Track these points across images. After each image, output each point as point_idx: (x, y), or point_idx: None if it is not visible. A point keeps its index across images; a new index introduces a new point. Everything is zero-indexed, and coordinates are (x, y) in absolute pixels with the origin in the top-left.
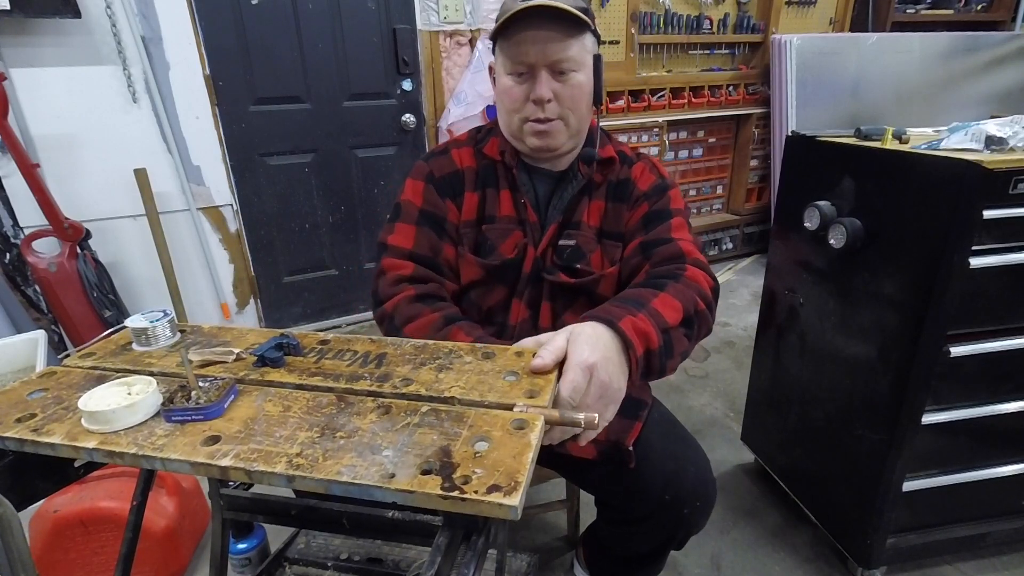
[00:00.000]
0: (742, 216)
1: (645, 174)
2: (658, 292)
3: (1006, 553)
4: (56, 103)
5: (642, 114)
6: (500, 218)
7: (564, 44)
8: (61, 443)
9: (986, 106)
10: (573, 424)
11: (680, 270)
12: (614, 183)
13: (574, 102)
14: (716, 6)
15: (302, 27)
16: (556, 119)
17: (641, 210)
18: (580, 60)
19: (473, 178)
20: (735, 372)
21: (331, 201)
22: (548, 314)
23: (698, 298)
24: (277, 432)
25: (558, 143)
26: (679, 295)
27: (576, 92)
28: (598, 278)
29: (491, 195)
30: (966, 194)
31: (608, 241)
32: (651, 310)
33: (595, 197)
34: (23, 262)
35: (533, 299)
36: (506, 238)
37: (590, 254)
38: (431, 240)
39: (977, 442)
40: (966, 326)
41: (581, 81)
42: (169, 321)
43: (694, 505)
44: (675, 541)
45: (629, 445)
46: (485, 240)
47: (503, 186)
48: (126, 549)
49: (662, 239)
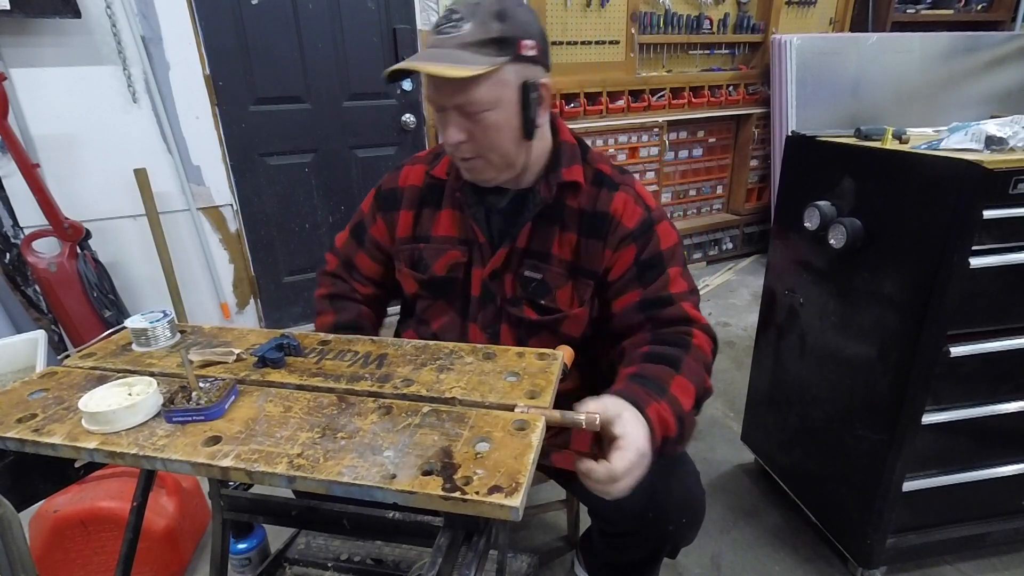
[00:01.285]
0: (742, 216)
1: (630, 207)
2: (675, 374)
3: (1006, 553)
4: (56, 103)
5: (642, 114)
6: (435, 238)
7: (466, 90)
8: (62, 443)
9: (986, 106)
10: (574, 425)
11: (687, 336)
12: (589, 214)
13: (489, 142)
14: (716, 6)
15: (302, 27)
16: (472, 157)
17: (629, 254)
18: (493, 99)
19: (412, 197)
20: (735, 372)
21: (331, 201)
22: (510, 340)
23: (705, 374)
24: (278, 433)
25: (487, 177)
26: (692, 376)
27: (491, 132)
28: (563, 317)
29: (427, 215)
30: (966, 194)
31: (582, 279)
32: (671, 397)
33: (568, 228)
34: (23, 262)
35: (489, 323)
36: (439, 257)
37: (557, 290)
38: (353, 246)
39: (977, 442)
40: (966, 326)
41: (496, 120)
42: (169, 322)
43: (679, 522)
44: (665, 551)
45: None
46: (421, 257)
47: (447, 206)
48: (126, 549)
49: (663, 298)
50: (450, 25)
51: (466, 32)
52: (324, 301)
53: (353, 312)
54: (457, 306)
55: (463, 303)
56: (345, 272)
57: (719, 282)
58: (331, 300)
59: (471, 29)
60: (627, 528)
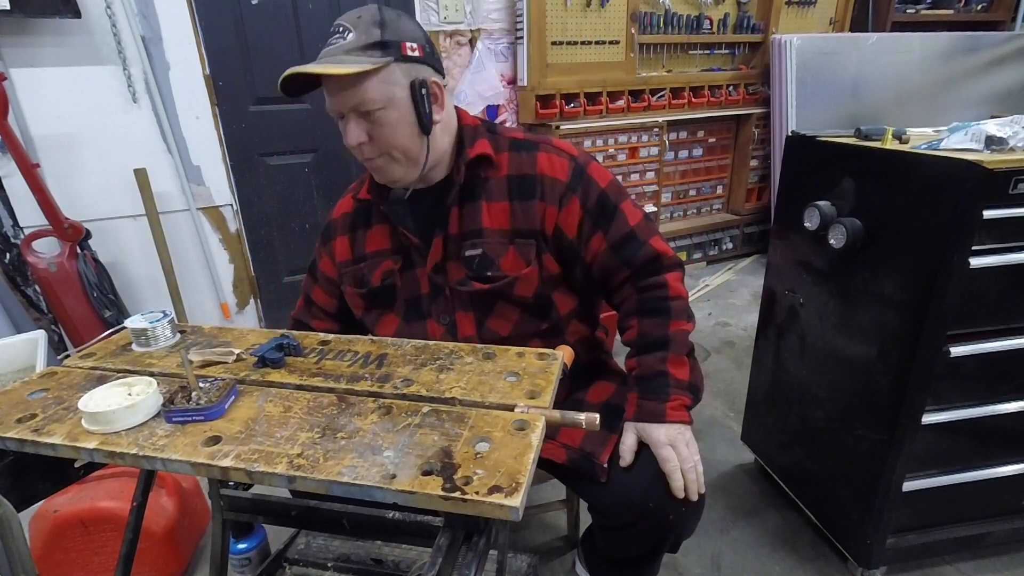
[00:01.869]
0: (742, 216)
1: (555, 161)
2: (667, 355)
3: (1006, 553)
4: (56, 103)
5: (642, 114)
6: (368, 254)
7: (357, 89)
8: (62, 444)
9: (986, 106)
10: (574, 425)
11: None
12: (516, 178)
13: (389, 139)
14: (716, 6)
15: (302, 27)
16: (378, 157)
17: (575, 206)
18: (385, 98)
19: (344, 223)
20: (735, 372)
21: (331, 201)
22: (470, 323)
23: (685, 324)
24: (278, 433)
25: (396, 176)
26: (679, 347)
27: (388, 130)
28: (513, 280)
29: (360, 236)
30: (966, 194)
31: (521, 240)
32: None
33: (495, 199)
34: (23, 262)
35: (443, 312)
36: (375, 270)
37: (499, 259)
38: (310, 282)
39: (977, 442)
40: (966, 326)
41: (391, 118)
42: (169, 322)
43: (679, 511)
44: (666, 545)
45: (603, 461)
46: (362, 276)
47: (375, 222)
48: (126, 549)
49: (627, 236)
50: (336, 37)
51: (350, 40)
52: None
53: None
54: (401, 312)
55: (407, 308)
56: (306, 311)
57: (719, 282)
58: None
59: (354, 38)
60: (628, 520)
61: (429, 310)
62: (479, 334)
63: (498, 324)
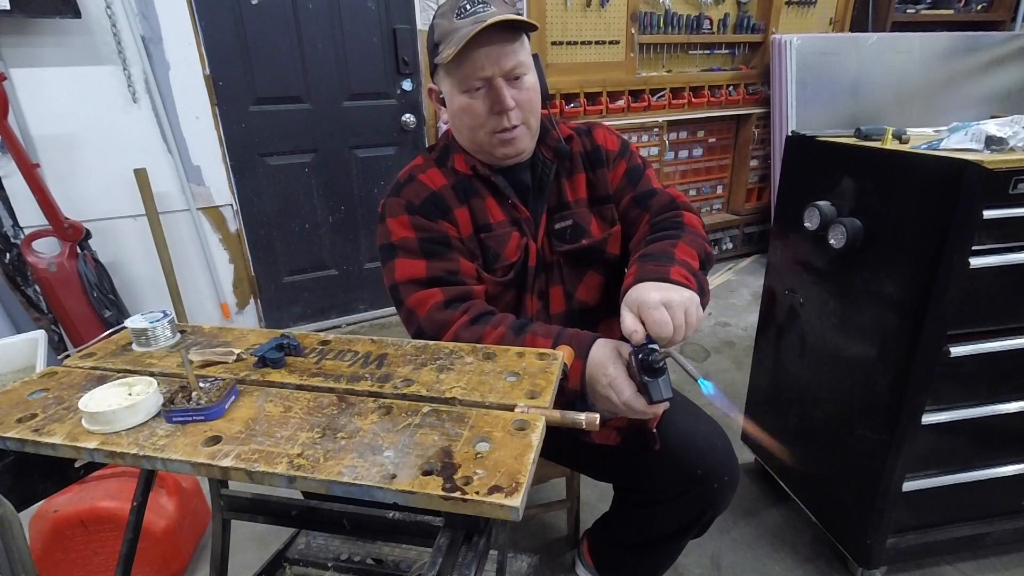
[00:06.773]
0: (742, 216)
1: (608, 136)
2: (676, 242)
3: (1006, 553)
4: (56, 103)
5: (642, 114)
6: (495, 224)
7: (513, 50)
8: (62, 443)
9: (986, 106)
10: (574, 424)
11: (679, 218)
12: (587, 153)
13: (531, 104)
14: (716, 6)
15: (302, 27)
16: (520, 124)
17: (621, 168)
18: (528, 63)
19: (453, 194)
20: (735, 372)
21: (331, 201)
22: (560, 298)
23: (704, 242)
24: (278, 433)
25: (524, 147)
26: (692, 243)
27: (532, 94)
28: (605, 238)
29: (478, 205)
30: (966, 194)
31: (601, 207)
32: (679, 260)
33: (574, 173)
34: (23, 262)
35: (542, 290)
36: (508, 242)
37: (588, 226)
38: (442, 262)
39: (977, 442)
40: (966, 326)
41: (533, 82)
42: (169, 322)
43: (723, 479)
44: (703, 520)
45: (653, 428)
46: (488, 249)
47: (486, 195)
48: (126, 549)
49: (649, 190)
50: (480, 5)
51: (496, 10)
52: (474, 328)
53: (511, 316)
54: (520, 287)
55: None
56: (458, 287)
57: (719, 282)
58: (479, 321)
59: (496, 9)
60: (673, 492)
61: (532, 285)
62: (567, 309)
63: (585, 293)
